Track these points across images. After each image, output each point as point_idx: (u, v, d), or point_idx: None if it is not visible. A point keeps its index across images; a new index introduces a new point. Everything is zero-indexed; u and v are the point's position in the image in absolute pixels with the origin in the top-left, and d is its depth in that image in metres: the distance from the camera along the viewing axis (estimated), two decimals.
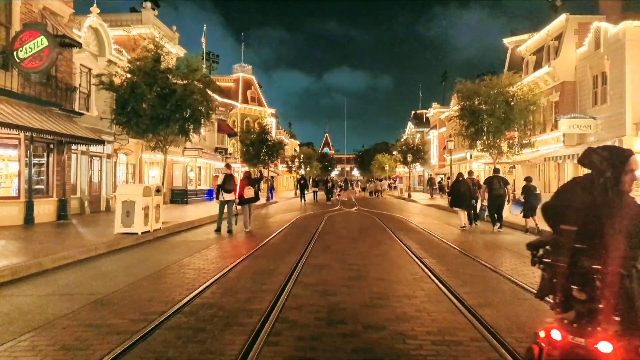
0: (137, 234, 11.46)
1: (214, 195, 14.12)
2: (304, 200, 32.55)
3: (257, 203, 16.21)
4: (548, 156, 21.08)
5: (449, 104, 49.41)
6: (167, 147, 15.27)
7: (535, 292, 2.70)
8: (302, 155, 64.69)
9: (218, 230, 12.79)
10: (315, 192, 36.01)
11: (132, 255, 9.38)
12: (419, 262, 8.40)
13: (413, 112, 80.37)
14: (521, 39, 27.88)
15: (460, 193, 14.13)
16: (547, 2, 25.32)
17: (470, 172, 16.18)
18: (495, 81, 19.91)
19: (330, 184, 35.88)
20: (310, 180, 39.68)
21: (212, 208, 18.39)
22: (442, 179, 47.35)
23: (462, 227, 13.94)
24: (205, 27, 39.70)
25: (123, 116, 14.04)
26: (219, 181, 13.46)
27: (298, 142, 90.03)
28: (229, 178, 13.02)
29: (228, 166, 14.37)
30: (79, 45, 15.76)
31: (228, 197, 12.84)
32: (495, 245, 11.01)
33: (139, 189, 12.21)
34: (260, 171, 16.92)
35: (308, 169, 69.05)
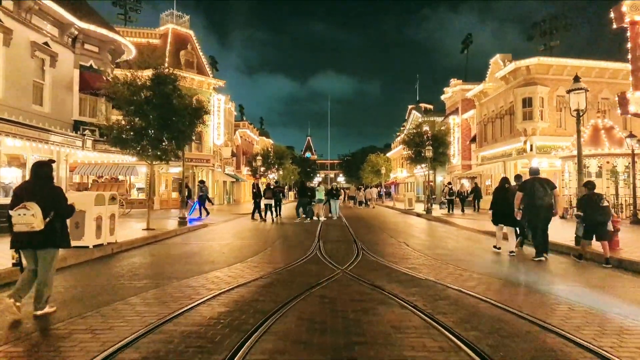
0: None
1: None
2: (258, 217, 21.38)
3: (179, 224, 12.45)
4: None
5: (476, 78, 34.22)
6: None
7: None
8: (271, 153, 48.53)
9: None
10: (268, 206, 20.36)
11: None
12: None
13: (411, 106, 65.16)
14: None
15: (506, 205, 10.02)
16: None
17: (518, 177, 11.27)
18: None
19: (309, 195, 21.62)
20: (264, 187, 23.39)
21: None
22: (475, 183, 31.91)
23: (511, 253, 9.91)
24: None
25: None
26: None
27: (272, 142, 73.93)
28: None
29: None
30: None
31: None
32: None
33: None
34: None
35: (281, 172, 53.20)
